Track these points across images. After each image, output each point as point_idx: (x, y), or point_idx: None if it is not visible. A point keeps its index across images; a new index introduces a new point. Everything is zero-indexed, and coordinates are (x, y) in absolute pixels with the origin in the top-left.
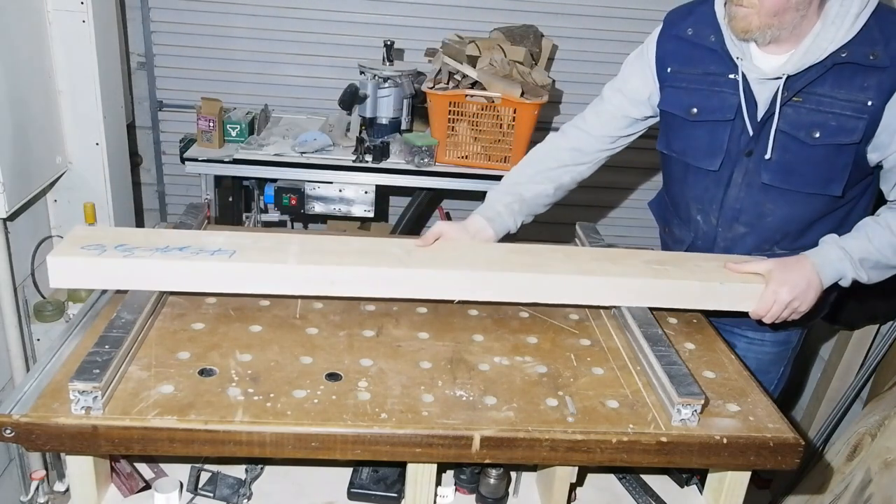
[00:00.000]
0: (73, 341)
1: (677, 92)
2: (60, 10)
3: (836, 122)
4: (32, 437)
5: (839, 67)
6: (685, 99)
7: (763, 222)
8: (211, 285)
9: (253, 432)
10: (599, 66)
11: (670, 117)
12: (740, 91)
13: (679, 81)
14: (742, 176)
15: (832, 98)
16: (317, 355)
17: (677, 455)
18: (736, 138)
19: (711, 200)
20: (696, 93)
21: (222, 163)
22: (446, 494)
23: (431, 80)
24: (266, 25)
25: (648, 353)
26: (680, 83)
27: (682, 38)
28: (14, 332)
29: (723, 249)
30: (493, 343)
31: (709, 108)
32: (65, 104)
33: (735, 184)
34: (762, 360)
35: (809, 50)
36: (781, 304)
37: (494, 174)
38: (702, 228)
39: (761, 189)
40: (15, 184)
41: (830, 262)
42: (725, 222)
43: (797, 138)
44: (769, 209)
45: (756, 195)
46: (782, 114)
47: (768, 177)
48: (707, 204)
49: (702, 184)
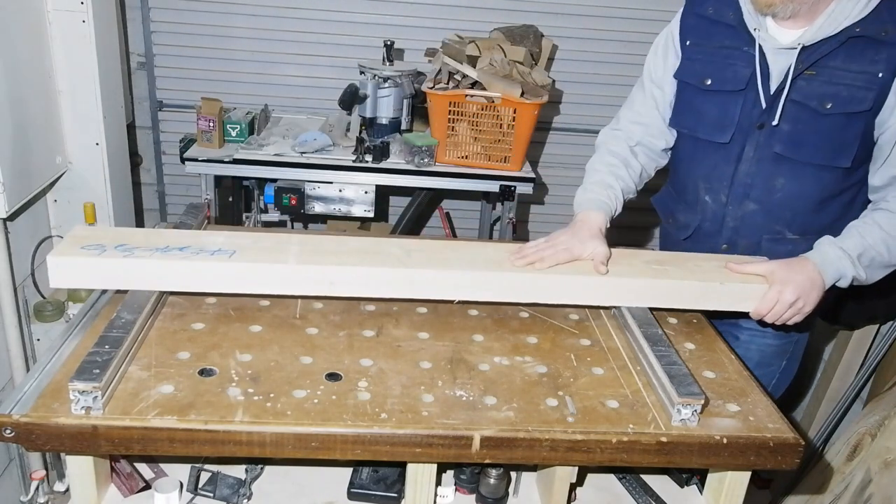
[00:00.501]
0: (73, 341)
1: (693, 63)
2: (60, 10)
3: (848, 92)
4: (32, 437)
5: (852, 42)
6: (699, 69)
7: (773, 198)
8: (211, 285)
9: (253, 432)
10: (599, 66)
11: (684, 89)
12: (756, 62)
13: (696, 54)
14: (754, 149)
15: (844, 71)
16: (317, 355)
17: (677, 455)
18: (748, 111)
19: (721, 177)
20: (710, 64)
21: (222, 163)
22: (446, 494)
23: (431, 80)
24: (266, 25)
25: (648, 353)
26: (696, 55)
27: (702, 16)
28: (14, 332)
29: (731, 230)
30: (493, 343)
31: (722, 78)
32: (65, 104)
33: (746, 158)
34: (765, 353)
35: (825, 23)
36: (785, 303)
37: (494, 174)
38: (710, 209)
39: (773, 161)
40: (15, 184)
41: (831, 262)
42: (736, 199)
43: (809, 107)
44: (780, 184)
45: (767, 168)
46: (796, 86)
47: (780, 147)
48: (716, 181)
49: (711, 160)
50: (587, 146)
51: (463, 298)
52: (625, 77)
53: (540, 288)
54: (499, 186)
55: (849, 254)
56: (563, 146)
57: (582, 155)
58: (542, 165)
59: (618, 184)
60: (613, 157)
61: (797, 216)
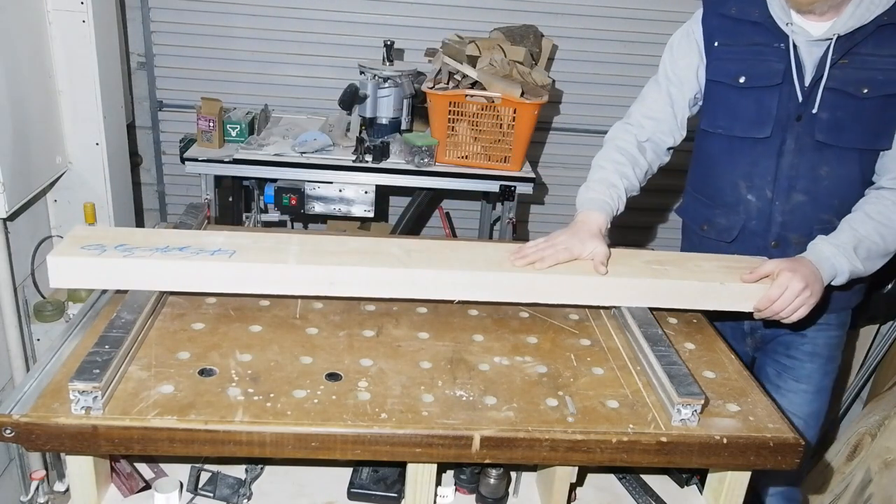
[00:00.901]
0: (73, 341)
1: (724, 63)
2: (60, 10)
3: (884, 76)
4: (32, 437)
5: (881, 29)
6: (732, 68)
7: (820, 186)
8: (211, 285)
9: (253, 432)
10: (599, 66)
11: (716, 88)
12: (790, 56)
13: (725, 53)
14: (795, 141)
15: (876, 56)
16: (317, 355)
17: (677, 455)
18: (785, 104)
19: (764, 173)
20: (742, 62)
21: (222, 163)
22: (446, 494)
23: (431, 80)
24: (266, 25)
25: (648, 353)
26: (727, 55)
27: (725, 16)
28: (14, 332)
29: (780, 226)
30: (493, 343)
31: (756, 74)
32: (65, 104)
33: (788, 150)
34: (832, 346)
35: (855, 13)
36: (795, 290)
37: (494, 174)
38: (754, 207)
39: (815, 149)
40: (15, 184)
41: (826, 258)
42: (782, 193)
43: (847, 93)
44: (825, 171)
45: (811, 157)
46: (831, 74)
47: (822, 135)
48: (759, 178)
49: (750, 157)
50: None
51: (463, 298)
52: (625, 77)
53: (540, 288)
54: (499, 186)
55: (842, 248)
56: (563, 146)
57: (582, 155)
58: (542, 165)
59: (622, 183)
60: (621, 155)
61: (844, 202)
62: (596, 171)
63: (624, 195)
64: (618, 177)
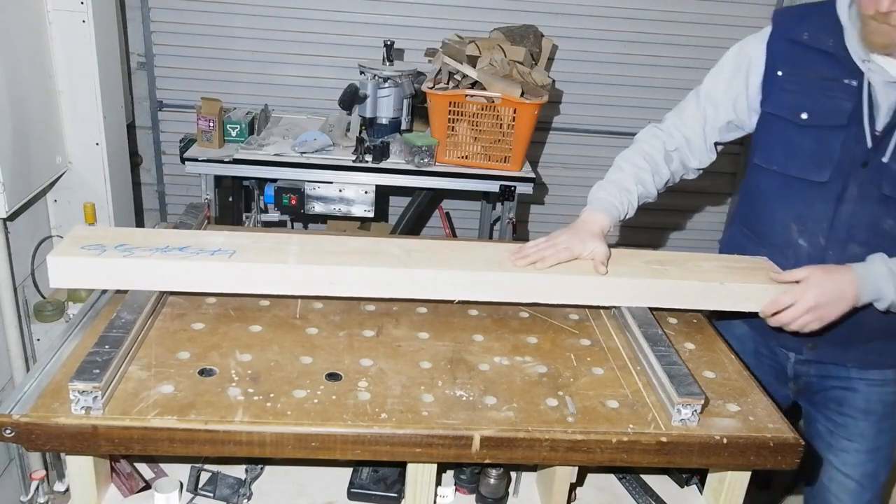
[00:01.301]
0: (73, 341)
1: (786, 94)
2: (60, 10)
3: None
4: (32, 437)
5: None
6: (794, 102)
7: (882, 241)
8: (211, 285)
9: (253, 432)
10: (599, 66)
11: (774, 122)
12: (863, 96)
13: (789, 84)
14: (858, 188)
15: None
16: (317, 355)
17: (677, 455)
18: (850, 147)
19: (819, 218)
20: (807, 96)
21: (222, 163)
22: (446, 494)
23: (431, 80)
24: (266, 25)
25: (648, 353)
26: (790, 86)
27: (795, 41)
28: (14, 332)
29: None
30: (493, 343)
31: (820, 112)
32: (65, 104)
33: (850, 198)
34: (886, 402)
35: None
36: (803, 306)
37: (494, 174)
38: (804, 252)
39: (880, 201)
40: (15, 184)
41: (874, 278)
42: (837, 243)
43: None
44: (889, 225)
45: (874, 209)
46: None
47: (890, 187)
48: (813, 223)
49: (805, 200)
50: (587, 146)
51: (463, 298)
52: (625, 77)
53: (540, 288)
54: (499, 186)
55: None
56: (563, 146)
57: (582, 155)
58: (542, 165)
59: (636, 189)
60: (644, 160)
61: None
62: (615, 171)
63: (636, 201)
64: (634, 182)
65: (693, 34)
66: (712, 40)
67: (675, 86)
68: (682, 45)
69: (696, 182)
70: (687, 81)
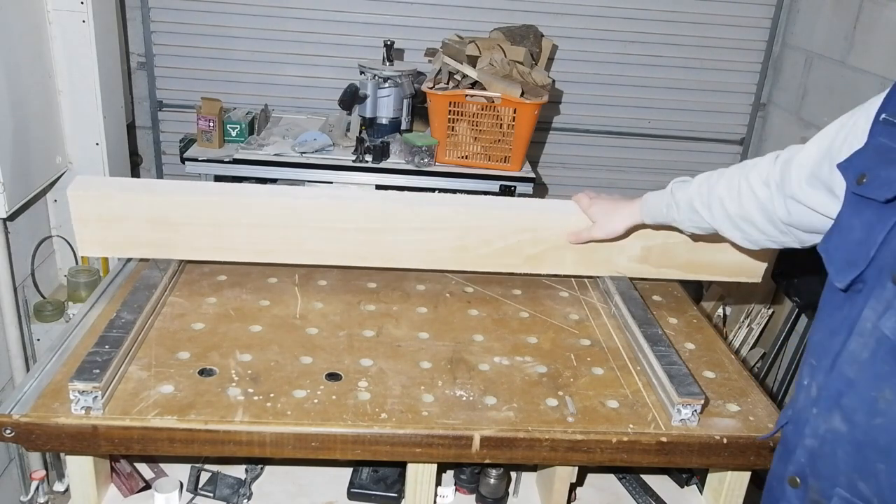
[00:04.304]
0: (73, 341)
1: (867, 149)
2: (60, 10)
3: None
4: (32, 437)
5: None
6: (865, 159)
7: (871, 424)
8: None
9: (253, 432)
10: (599, 66)
11: (842, 189)
12: None
13: (881, 135)
14: (877, 317)
15: None
16: (317, 355)
17: (677, 455)
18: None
19: (825, 353)
20: (883, 156)
21: (222, 163)
22: (446, 494)
23: (431, 80)
24: (266, 25)
25: (648, 353)
26: (881, 136)
27: None
28: (14, 332)
29: (807, 453)
30: (493, 343)
31: (881, 177)
32: (65, 104)
33: (862, 330)
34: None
35: None
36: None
37: (494, 174)
38: (801, 401)
39: (887, 355)
40: (15, 184)
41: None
42: (827, 400)
43: None
44: (884, 403)
45: (878, 365)
46: None
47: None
48: (821, 357)
49: (827, 322)
50: (587, 146)
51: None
52: (625, 77)
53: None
54: (499, 186)
55: None
56: (563, 146)
57: (582, 155)
58: (542, 165)
59: (702, 219)
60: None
61: None
62: (706, 191)
63: (689, 228)
64: (707, 211)
65: (693, 34)
66: (712, 40)
67: (676, 86)
68: (682, 45)
69: None
70: (687, 81)
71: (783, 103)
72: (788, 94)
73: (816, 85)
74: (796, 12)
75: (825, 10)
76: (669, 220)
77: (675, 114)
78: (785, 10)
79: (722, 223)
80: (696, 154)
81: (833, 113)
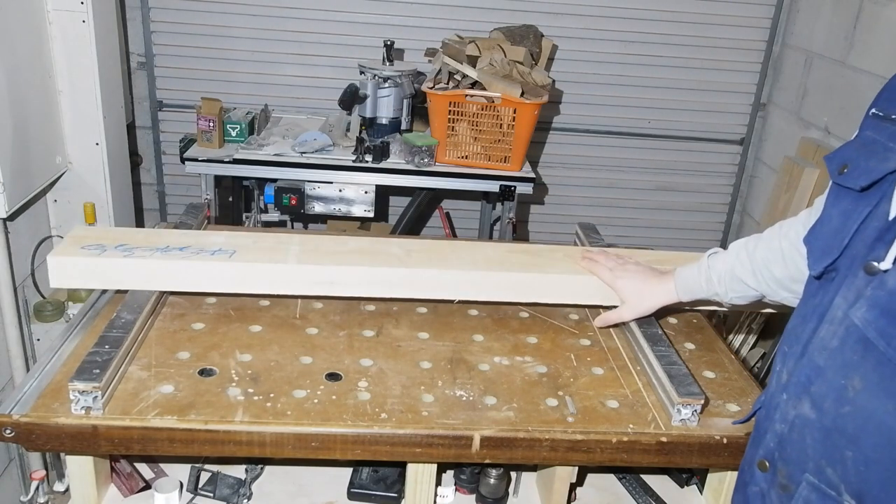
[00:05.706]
0: (73, 341)
1: (853, 142)
2: (60, 10)
3: None
4: (32, 437)
5: None
6: (850, 151)
7: (840, 411)
8: (212, 285)
9: (253, 432)
10: (599, 66)
11: None
12: None
13: (868, 129)
14: (847, 306)
15: None
16: (317, 355)
17: (677, 455)
18: (872, 230)
19: (797, 339)
20: (866, 147)
21: (222, 163)
22: (446, 494)
23: (431, 80)
24: (266, 25)
25: (648, 353)
26: (868, 130)
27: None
28: (14, 332)
29: (777, 438)
30: (493, 343)
31: (861, 166)
32: (65, 104)
33: (832, 318)
34: None
35: None
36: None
37: (494, 174)
38: (772, 387)
39: (856, 344)
40: (15, 184)
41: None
42: (797, 386)
43: None
44: (852, 391)
45: (846, 354)
46: None
47: (875, 320)
48: (792, 344)
49: (801, 309)
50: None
51: (462, 298)
52: (625, 77)
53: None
54: (499, 186)
55: None
56: (563, 146)
57: (582, 155)
58: (542, 165)
59: (745, 284)
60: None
61: (865, 467)
62: (748, 256)
63: (729, 300)
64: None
65: (693, 34)
66: (712, 40)
67: (675, 86)
68: (682, 45)
69: (696, 181)
70: (687, 81)
71: (783, 103)
72: (788, 93)
73: (816, 85)
74: (796, 12)
75: (825, 10)
76: (711, 295)
77: (675, 114)
78: (785, 10)
79: (768, 287)
80: (696, 154)
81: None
